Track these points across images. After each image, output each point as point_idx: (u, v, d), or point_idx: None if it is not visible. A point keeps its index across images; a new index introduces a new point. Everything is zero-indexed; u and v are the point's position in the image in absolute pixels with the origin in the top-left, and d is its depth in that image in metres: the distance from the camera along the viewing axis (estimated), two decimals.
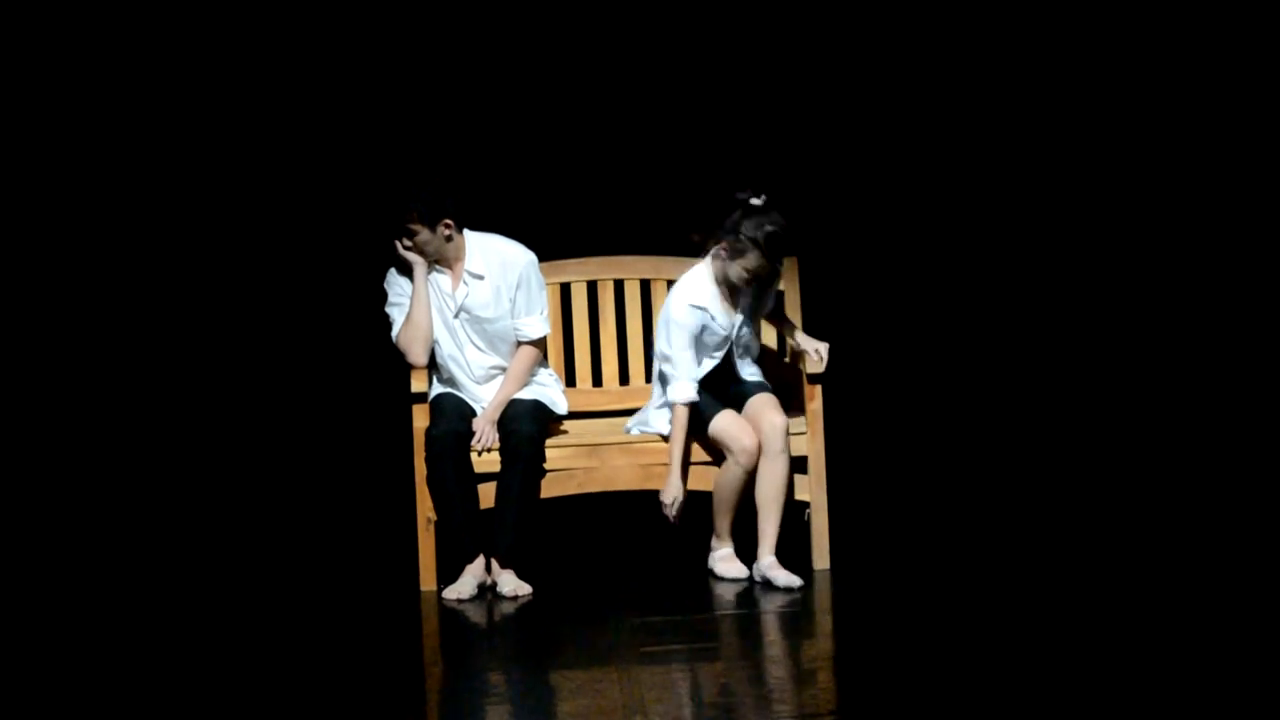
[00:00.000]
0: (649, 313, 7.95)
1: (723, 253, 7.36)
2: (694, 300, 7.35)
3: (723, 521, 7.47)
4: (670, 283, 7.87)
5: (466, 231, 7.45)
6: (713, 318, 7.42)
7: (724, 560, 7.48)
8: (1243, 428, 9.43)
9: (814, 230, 8.41)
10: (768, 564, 7.27)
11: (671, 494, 7.32)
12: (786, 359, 7.93)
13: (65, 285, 9.26)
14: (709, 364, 7.52)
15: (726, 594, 7.29)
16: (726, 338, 7.55)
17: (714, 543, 7.56)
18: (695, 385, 7.37)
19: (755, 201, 7.33)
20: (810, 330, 7.89)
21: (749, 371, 7.71)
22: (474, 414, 7.42)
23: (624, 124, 9.05)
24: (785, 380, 7.79)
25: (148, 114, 9.26)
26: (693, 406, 7.35)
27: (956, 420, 9.43)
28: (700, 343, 7.46)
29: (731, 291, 7.47)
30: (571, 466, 7.43)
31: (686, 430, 7.35)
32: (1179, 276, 9.68)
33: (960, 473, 8.99)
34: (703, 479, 7.46)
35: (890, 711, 5.76)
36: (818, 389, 7.47)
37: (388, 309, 7.50)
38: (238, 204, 9.16)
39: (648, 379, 7.95)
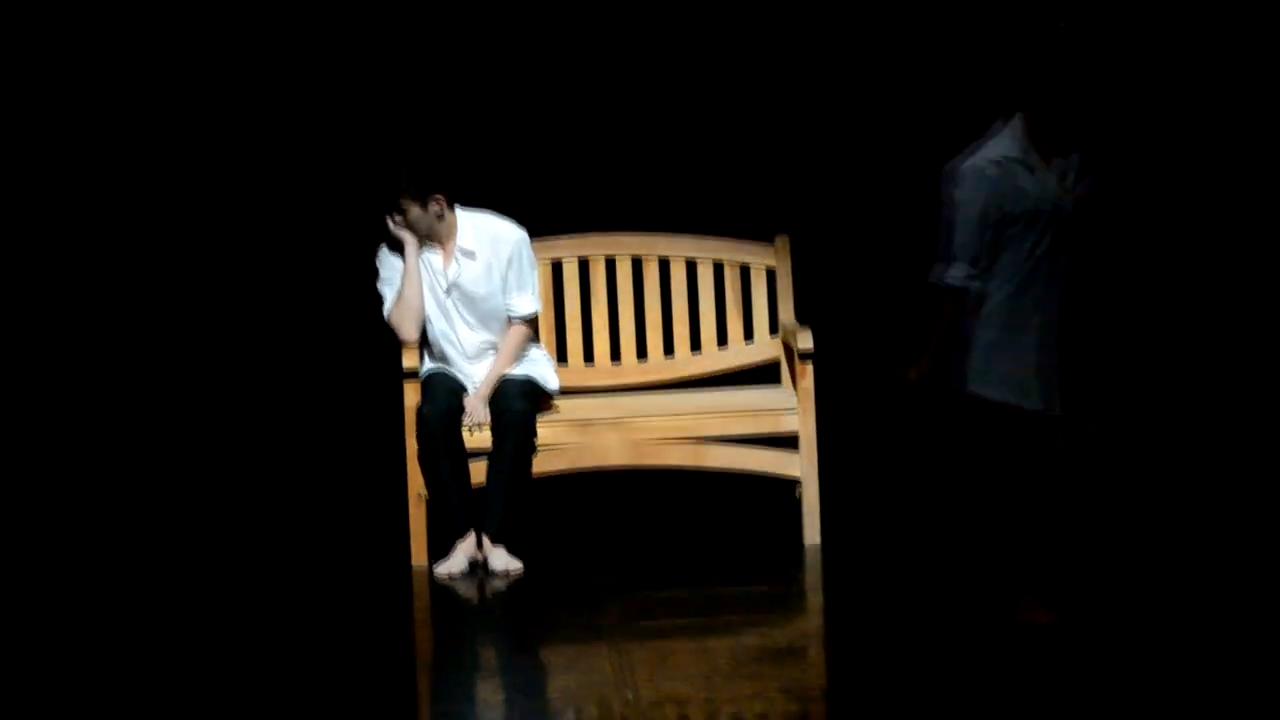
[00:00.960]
0: (640, 290, 7.99)
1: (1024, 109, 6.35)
2: (992, 154, 6.26)
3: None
4: (663, 260, 7.96)
5: (458, 208, 7.47)
6: (1021, 172, 6.26)
7: None
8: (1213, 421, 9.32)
9: (806, 208, 8.49)
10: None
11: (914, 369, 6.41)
12: None
13: (49, 266, 9.17)
14: (1014, 256, 6.31)
15: (717, 571, 7.29)
16: (1040, 212, 6.32)
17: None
18: (970, 269, 6.24)
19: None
20: (803, 311, 7.94)
21: None
22: (465, 391, 7.42)
23: (615, 101, 9.06)
24: None
25: (122, 89, 9.18)
26: (959, 295, 6.27)
27: (950, 399, 9.47)
28: (1003, 219, 6.26)
29: (1049, 156, 6.32)
30: (563, 443, 7.47)
31: (949, 327, 6.32)
32: (1169, 260, 9.58)
33: (951, 450, 8.95)
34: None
35: (879, 688, 5.81)
36: (809, 366, 7.49)
37: (379, 286, 7.52)
38: (225, 179, 9.12)
39: (639, 356, 7.99)
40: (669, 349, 8.01)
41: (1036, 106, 6.38)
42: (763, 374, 8.03)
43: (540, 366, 7.59)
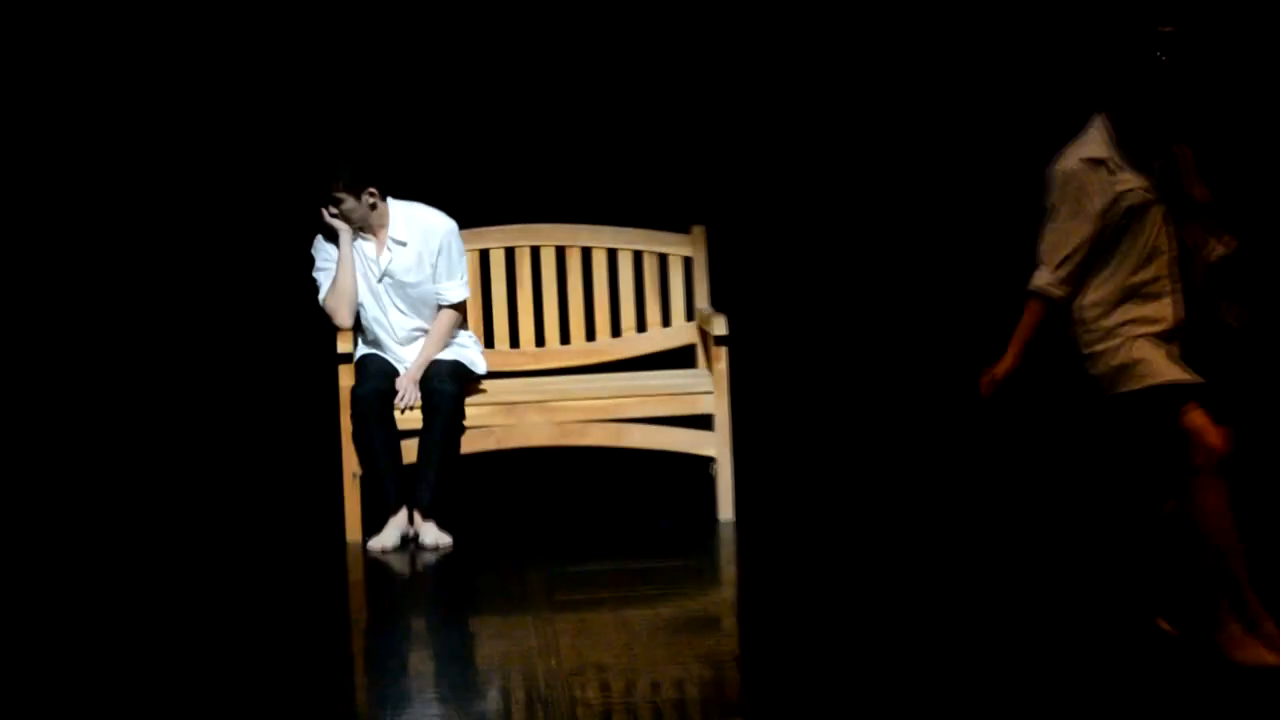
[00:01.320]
0: (564, 278, 8.03)
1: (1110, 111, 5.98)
2: (1086, 154, 5.85)
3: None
4: (585, 249, 8.01)
5: (390, 200, 7.48)
6: (1106, 174, 5.86)
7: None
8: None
9: (720, 199, 8.53)
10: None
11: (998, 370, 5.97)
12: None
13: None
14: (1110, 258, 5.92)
15: (636, 545, 7.37)
16: (1134, 208, 5.92)
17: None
18: (1055, 275, 5.86)
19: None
20: (718, 298, 8.02)
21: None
22: (397, 373, 7.42)
23: (541, 95, 8.89)
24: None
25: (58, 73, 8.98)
26: (1043, 300, 5.89)
27: (858, 382, 9.52)
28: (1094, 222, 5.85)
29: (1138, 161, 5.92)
30: (490, 424, 7.48)
31: (1032, 330, 5.91)
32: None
33: (861, 431, 8.88)
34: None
35: (790, 656, 5.86)
36: (723, 350, 7.54)
37: (315, 273, 7.55)
38: (162, 169, 8.92)
39: (562, 341, 8.03)
40: (590, 334, 8.05)
41: (1129, 108, 5.95)
42: (679, 357, 8.07)
43: (468, 350, 7.60)
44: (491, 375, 7.77)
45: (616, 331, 8.10)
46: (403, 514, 7.35)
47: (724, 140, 8.74)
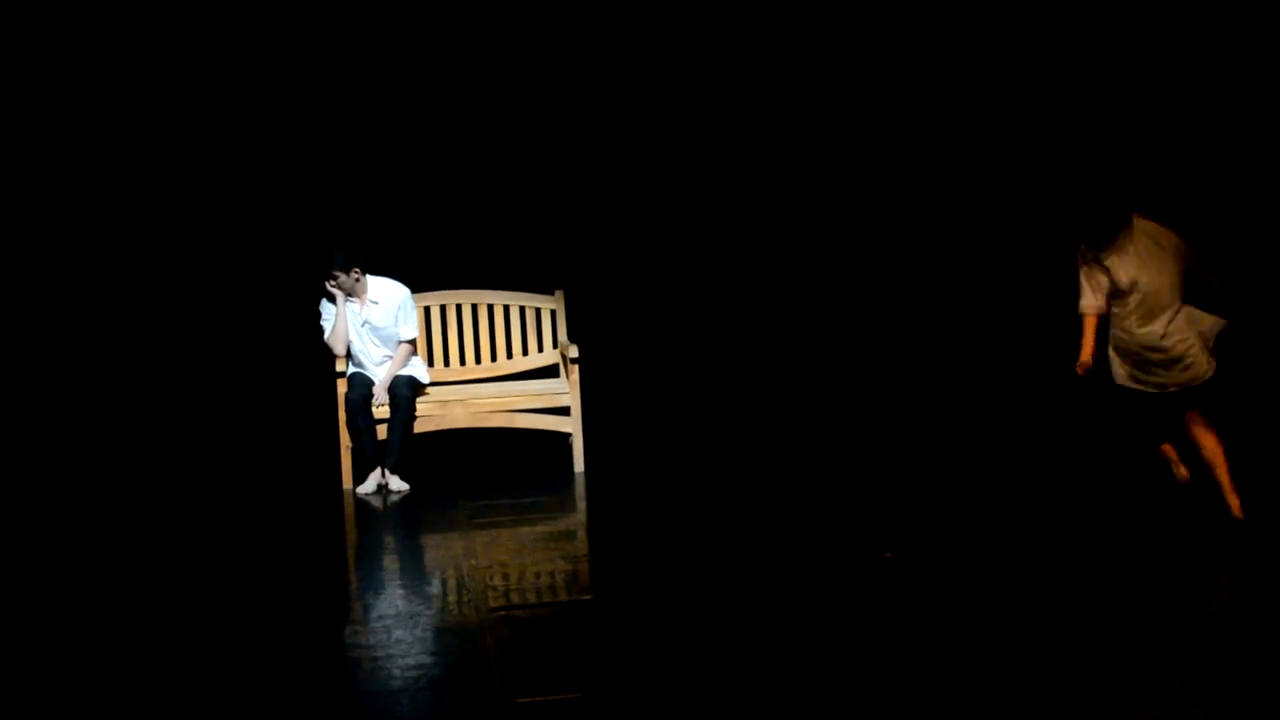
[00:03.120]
0: (477, 322, 7.86)
1: None
2: None
3: None
4: (490, 305, 7.83)
5: (368, 275, 7.38)
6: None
7: None
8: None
9: (573, 273, 8.32)
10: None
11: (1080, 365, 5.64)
12: None
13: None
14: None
15: (523, 487, 7.19)
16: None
17: None
18: (1090, 299, 5.63)
19: None
20: (572, 334, 7.85)
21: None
22: (373, 384, 7.29)
23: (470, 200, 8.91)
24: None
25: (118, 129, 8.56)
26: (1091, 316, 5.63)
27: (667, 390, 9.23)
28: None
29: None
30: (431, 414, 7.39)
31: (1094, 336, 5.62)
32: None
33: (669, 418, 8.72)
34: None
35: (622, 556, 5.82)
36: (576, 366, 7.44)
37: (321, 322, 7.44)
38: (222, 255, 8.67)
39: (476, 361, 7.84)
40: (494, 356, 7.89)
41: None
42: (549, 371, 7.94)
43: (418, 368, 7.47)
44: (433, 383, 7.62)
45: (510, 355, 7.96)
46: (377, 471, 7.25)
47: (575, 241, 8.55)
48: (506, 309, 7.99)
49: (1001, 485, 6.66)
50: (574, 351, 7.57)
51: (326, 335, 7.43)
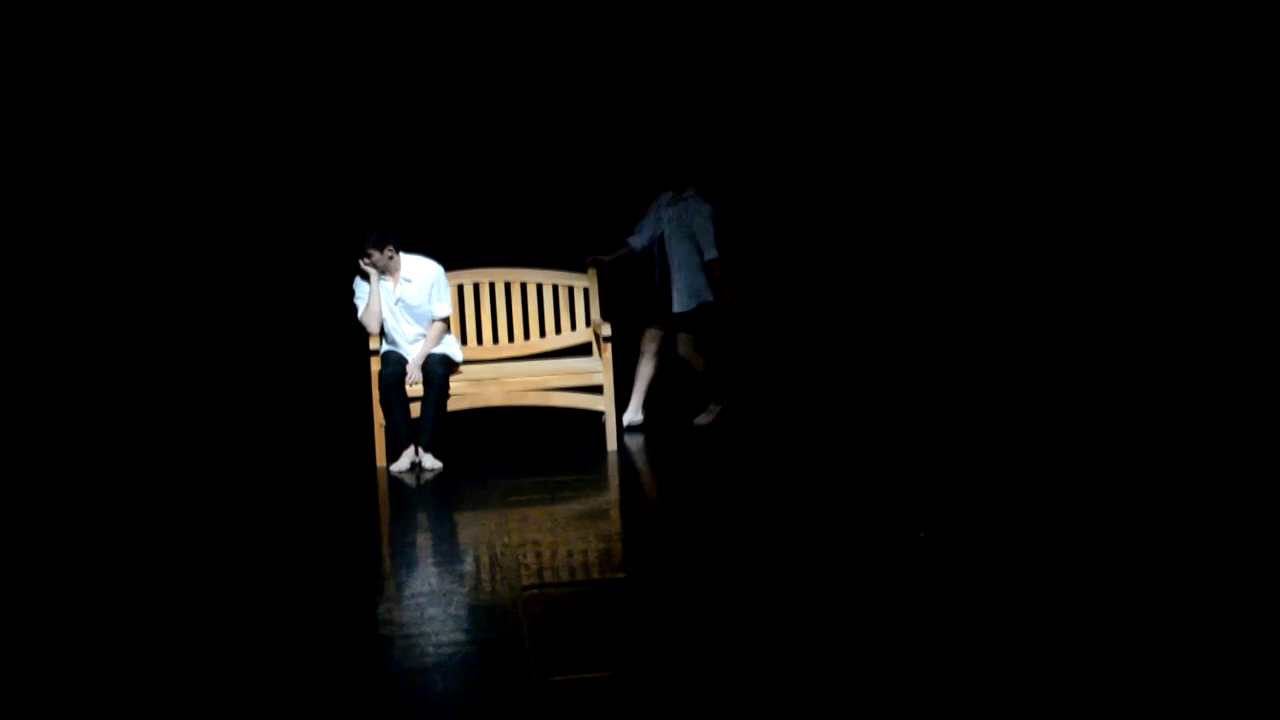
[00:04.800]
0: (510, 300, 7.89)
1: None
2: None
3: None
4: (523, 283, 7.87)
5: (402, 253, 7.40)
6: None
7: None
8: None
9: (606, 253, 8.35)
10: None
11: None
12: None
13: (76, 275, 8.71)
14: None
15: (556, 465, 7.20)
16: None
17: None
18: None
19: None
20: (604, 312, 7.88)
21: None
22: (406, 362, 7.33)
23: (496, 189, 8.90)
24: None
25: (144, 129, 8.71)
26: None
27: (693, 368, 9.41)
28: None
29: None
30: (464, 392, 7.40)
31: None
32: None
33: (698, 397, 8.75)
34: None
35: (653, 533, 5.81)
36: (608, 345, 7.49)
37: (355, 300, 7.45)
38: (263, 241, 8.87)
39: (509, 339, 7.88)
40: (527, 335, 7.92)
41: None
42: (582, 350, 7.98)
43: (451, 346, 7.52)
44: (466, 362, 7.69)
45: (542, 334, 8.00)
46: (411, 448, 7.26)
47: (608, 218, 8.51)
48: (540, 287, 8.00)
49: (1032, 465, 6.62)
50: (607, 330, 7.57)
51: (360, 313, 7.45)
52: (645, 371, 7.91)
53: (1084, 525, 5.53)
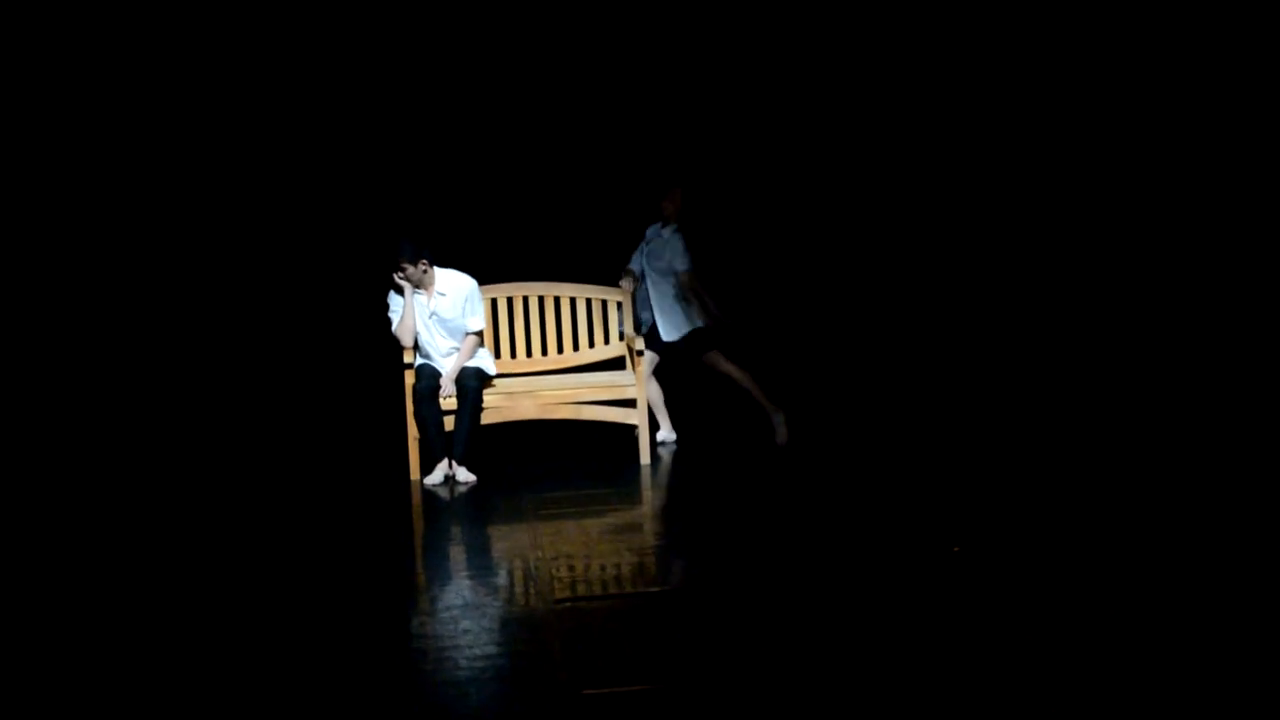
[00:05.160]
0: (544, 314, 7.87)
1: None
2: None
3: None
4: (557, 297, 7.87)
5: (435, 267, 7.41)
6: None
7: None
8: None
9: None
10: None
11: None
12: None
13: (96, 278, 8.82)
14: None
15: (589, 478, 7.22)
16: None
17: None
18: None
19: None
20: (637, 327, 7.88)
21: None
22: (440, 375, 7.32)
23: (538, 193, 9.02)
24: None
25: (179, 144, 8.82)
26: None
27: (727, 381, 9.39)
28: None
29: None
30: (498, 405, 7.41)
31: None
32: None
33: (731, 410, 8.80)
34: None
35: (687, 547, 5.79)
36: (641, 359, 7.49)
37: (389, 314, 7.47)
38: (307, 259, 8.99)
39: (543, 353, 7.87)
40: (560, 348, 7.91)
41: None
42: (614, 364, 7.97)
43: (485, 360, 7.51)
44: (499, 375, 7.69)
45: (576, 347, 7.99)
46: (445, 461, 7.28)
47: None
48: (573, 301, 7.99)
49: (1068, 477, 6.57)
50: (640, 344, 7.58)
51: (394, 327, 7.47)
52: (651, 392, 7.87)
53: (1108, 530, 5.50)
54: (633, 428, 7.62)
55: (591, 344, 7.99)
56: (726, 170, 8.28)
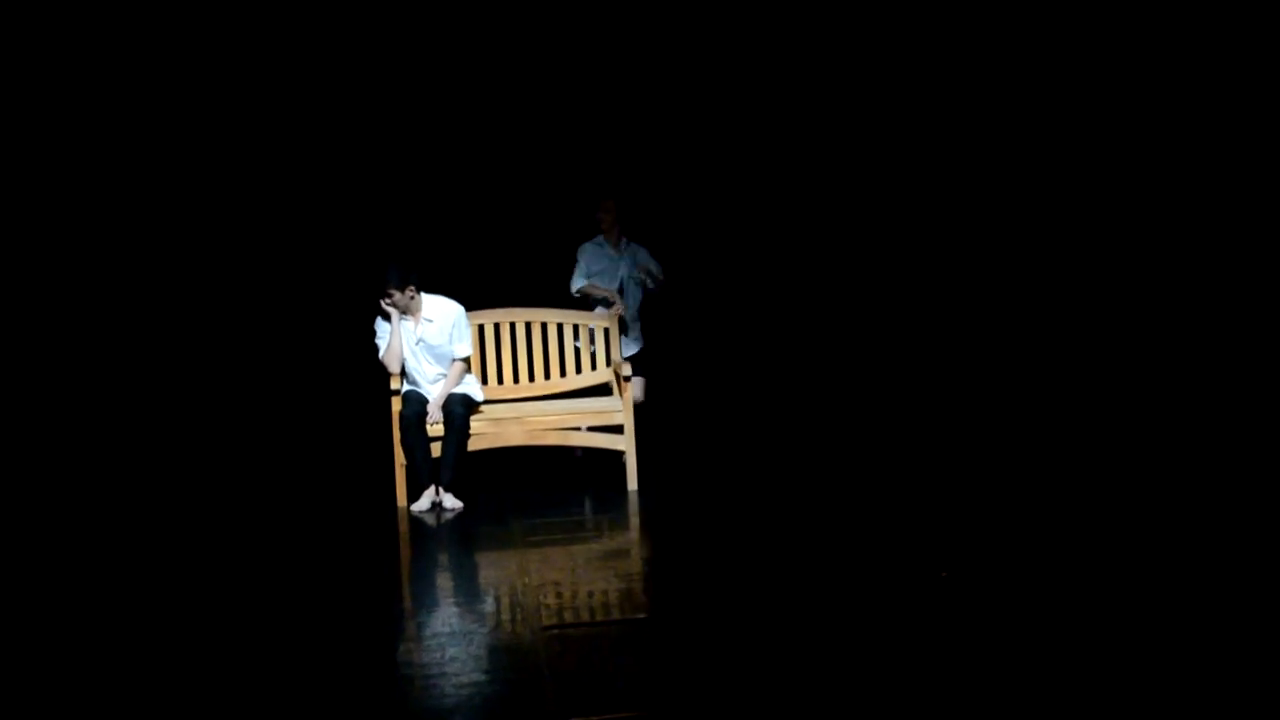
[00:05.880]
0: (530, 340, 7.88)
1: None
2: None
3: None
4: (544, 323, 7.86)
5: (423, 294, 7.42)
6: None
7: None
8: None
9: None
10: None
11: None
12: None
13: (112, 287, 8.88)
14: None
15: (576, 505, 7.24)
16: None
17: None
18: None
19: None
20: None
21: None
22: (427, 401, 7.33)
23: (524, 219, 9.03)
24: None
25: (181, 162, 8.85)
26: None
27: (714, 406, 9.46)
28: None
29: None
30: (485, 431, 7.39)
31: None
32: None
33: (717, 435, 8.83)
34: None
35: (673, 574, 5.79)
36: (628, 384, 7.50)
37: (376, 340, 7.44)
38: (291, 285, 9.00)
39: (530, 379, 7.87)
40: (547, 374, 7.91)
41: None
42: (602, 390, 7.97)
43: (471, 386, 7.51)
44: (487, 401, 7.68)
45: (563, 373, 7.99)
46: (431, 488, 7.28)
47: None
48: (560, 327, 7.98)
49: (1050, 499, 6.57)
50: (627, 369, 7.60)
51: (381, 353, 7.46)
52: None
53: (1100, 549, 5.50)
54: (620, 454, 7.60)
55: (579, 370, 7.99)
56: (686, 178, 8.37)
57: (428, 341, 7.41)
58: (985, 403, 8.62)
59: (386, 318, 7.42)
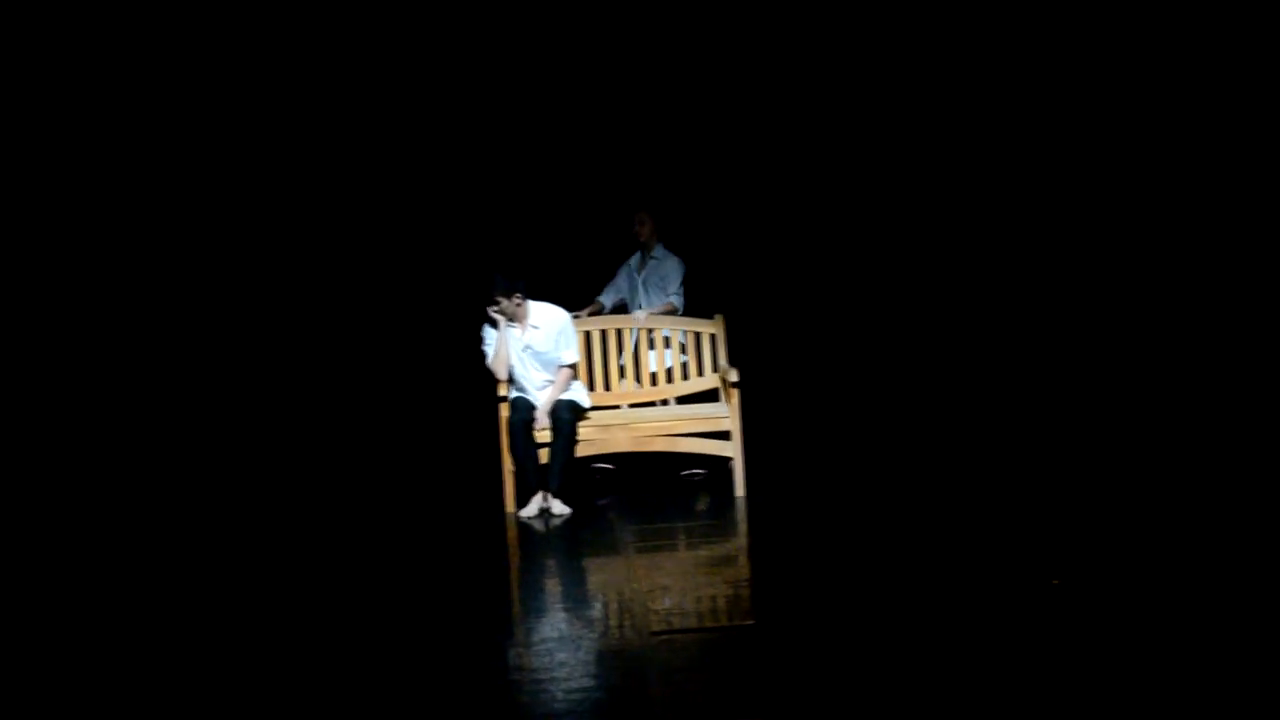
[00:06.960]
0: (638, 348, 7.92)
1: None
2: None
3: None
4: (650, 331, 7.95)
5: (529, 301, 7.46)
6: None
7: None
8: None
9: (732, 302, 8.31)
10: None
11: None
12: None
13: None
14: None
15: (685, 511, 7.25)
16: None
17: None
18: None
19: None
20: (732, 358, 7.83)
21: None
22: (535, 408, 7.36)
23: (633, 227, 9.05)
24: None
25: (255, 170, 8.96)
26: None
27: (825, 411, 9.37)
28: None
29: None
30: (592, 438, 7.44)
31: None
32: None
33: (828, 441, 8.81)
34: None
35: (783, 581, 5.75)
36: (736, 390, 7.43)
37: (484, 348, 7.50)
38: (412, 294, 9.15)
39: (637, 384, 7.91)
40: (654, 381, 7.95)
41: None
42: (709, 395, 7.94)
43: (579, 393, 7.54)
44: (594, 408, 7.69)
45: (670, 379, 8.01)
46: (540, 494, 7.29)
47: (737, 265, 8.58)
48: (667, 334, 7.96)
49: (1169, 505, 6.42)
50: (734, 375, 7.52)
51: (489, 360, 7.50)
52: None
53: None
54: (727, 460, 7.57)
55: (685, 375, 7.98)
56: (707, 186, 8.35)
57: (535, 348, 7.45)
58: (1083, 405, 8.43)
59: (494, 325, 7.47)
